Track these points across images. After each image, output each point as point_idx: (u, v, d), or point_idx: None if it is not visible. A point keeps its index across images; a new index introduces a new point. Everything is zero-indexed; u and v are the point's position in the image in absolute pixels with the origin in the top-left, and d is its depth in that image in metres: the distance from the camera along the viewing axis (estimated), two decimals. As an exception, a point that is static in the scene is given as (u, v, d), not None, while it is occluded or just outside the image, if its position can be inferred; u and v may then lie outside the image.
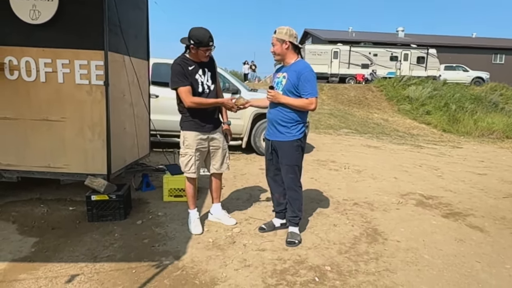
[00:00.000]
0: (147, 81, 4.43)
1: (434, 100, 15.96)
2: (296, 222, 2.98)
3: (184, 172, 3.04)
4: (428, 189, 4.76)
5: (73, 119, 3.40)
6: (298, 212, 2.96)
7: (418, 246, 2.91)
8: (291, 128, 2.83)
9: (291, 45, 2.81)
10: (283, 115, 2.83)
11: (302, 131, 2.88)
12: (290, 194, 2.96)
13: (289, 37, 2.77)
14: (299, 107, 2.78)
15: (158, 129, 4.64)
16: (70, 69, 3.33)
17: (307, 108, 2.78)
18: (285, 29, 2.79)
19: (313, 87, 2.74)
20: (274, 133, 2.91)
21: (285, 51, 2.81)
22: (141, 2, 4.22)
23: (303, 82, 2.72)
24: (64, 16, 3.22)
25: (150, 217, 3.33)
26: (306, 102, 2.74)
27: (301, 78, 2.72)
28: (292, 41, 2.79)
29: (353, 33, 31.96)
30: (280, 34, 2.78)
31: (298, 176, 2.95)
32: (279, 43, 2.80)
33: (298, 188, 2.96)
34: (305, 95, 2.73)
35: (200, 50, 2.83)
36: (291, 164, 2.88)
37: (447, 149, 9.37)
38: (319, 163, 6.18)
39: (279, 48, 2.81)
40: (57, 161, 3.46)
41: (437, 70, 22.54)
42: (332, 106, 15.52)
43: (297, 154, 2.88)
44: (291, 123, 2.82)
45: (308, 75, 2.74)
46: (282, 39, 2.78)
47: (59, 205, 3.55)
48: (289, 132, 2.83)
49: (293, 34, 2.80)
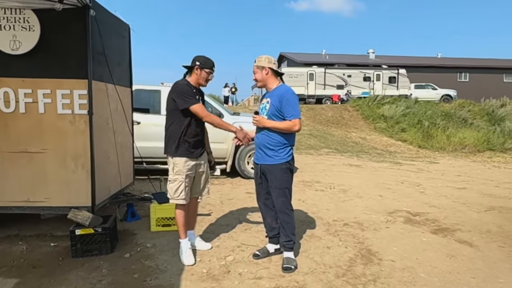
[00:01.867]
0: (131, 108, 4.36)
1: (407, 117, 16.56)
2: (290, 246, 2.94)
3: (173, 198, 2.96)
4: (413, 206, 4.84)
5: (55, 150, 3.28)
6: (291, 236, 2.93)
7: (413, 265, 2.92)
8: (279, 151, 2.85)
9: (271, 71, 2.91)
10: (270, 139, 2.86)
11: (290, 154, 2.90)
12: (282, 217, 2.94)
13: (268, 63, 2.89)
14: (284, 130, 2.82)
15: (139, 156, 4.53)
16: (51, 99, 3.24)
17: (291, 129, 2.82)
18: (264, 57, 2.92)
19: (295, 109, 2.80)
20: (263, 157, 2.92)
21: (266, 77, 2.91)
22: (124, 29, 4.21)
23: (285, 104, 2.78)
24: (46, 45, 3.16)
25: (138, 250, 3.19)
26: (290, 124, 2.79)
27: (283, 101, 2.79)
28: (271, 67, 2.90)
29: (326, 56, 33.07)
30: (260, 62, 2.91)
31: (289, 199, 2.94)
32: (259, 70, 2.91)
33: (289, 211, 2.93)
34: (288, 117, 2.78)
35: (203, 71, 2.96)
36: (281, 187, 2.88)
37: (424, 164, 9.65)
38: (305, 184, 6.19)
39: (260, 75, 2.91)
40: (38, 194, 3.30)
41: (408, 89, 23.53)
42: (311, 127, 15.77)
43: (286, 177, 2.89)
44: (279, 146, 2.85)
45: (289, 98, 2.80)
46: (262, 66, 2.89)
47: (39, 241, 3.35)
48: (277, 155, 2.85)
49: (272, 60, 2.93)
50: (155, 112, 6.28)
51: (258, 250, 3.09)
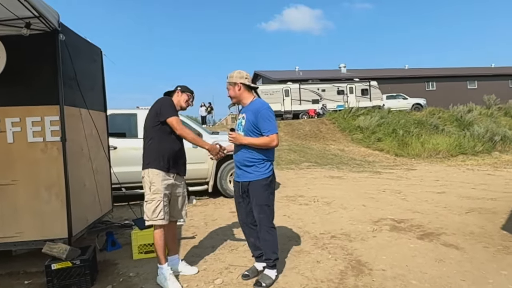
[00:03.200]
0: (106, 133, 4.23)
1: (382, 127, 17.01)
2: (270, 265, 2.84)
3: (151, 220, 2.83)
4: (397, 213, 4.88)
5: (26, 180, 3.11)
6: (271, 255, 2.83)
7: (403, 272, 2.90)
8: (259, 167, 2.80)
9: (244, 86, 2.87)
10: (249, 155, 2.81)
11: (270, 169, 2.85)
12: (262, 235, 2.85)
13: (239, 79, 2.86)
14: (261, 146, 2.77)
15: (117, 182, 4.37)
16: (21, 127, 3.10)
17: (269, 145, 2.77)
18: (235, 72, 2.89)
19: (271, 124, 2.76)
20: (243, 174, 2.86)
21: (239, 93, 2.87)
22: (95, 53, 4.13)
23: (261, 120, 2.75)
24: (13, 72, 3.05)
25: (121, 280, 3.01)
26: (267, 139, 2.75)
27: (259, 117, 2.76)
28: (243, 82, 2.87)
29: (300, 72, 33.79)
30: (231, 78, 2.88)
31: (270, 216, 2.85)
32: (231, 87, 2.88)
33: (269, 229, 2.84)
34: (265, 132, 2.74)
35: (184, 94, 3.08)
36: (261, 203, 2.80)
37: (403, 172, 9.85)
38: (288, 199, 6.15)
39: (233, 91, 2.88)
40: (8, 229, 3.10)
41: (381, 100, 24.27)
42: (290, 142, 15.88)
43: (267, 193, 2.81)
44: (258, 162, 2.81)
45: (265, 113, 2.77)
46: (234, 82, 2.86)
47: (11, 280, 3.11)
48: (257, 171, 2.80)
49: (243, 75, 2.89)
50: (132, 136, 6.13)
51: (247, 271, 2.99)
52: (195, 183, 6.09)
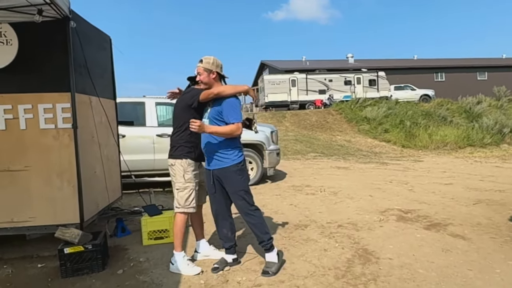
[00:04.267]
0: (116, 121, 4.26)
1: (390, 118, 16.89)
2: (267, 247, 2.86)
3: (183, 207, 2.87)
4: (404, 204, 4.89)
5: (38, 167, 3.16)
6: (264, 236, 2.84)
7: (410, 262, 2.92)
8: (228, 154, 2.79)
9: (218, 75, 2.86)
10: (216, 143, 2.79)
11: (239, 155, 2.84)
12: (247, 220, 2.87)
13: (216, 67, 2.83)
14: (226, 134, 2.73)
15: (126, 170, 4.42)
16: (33, 114, 3.13)
17: (234, 134, 2.73)
18: (212, 59, 2.84)
19: (237, 113, 2.74)
20: (213, 161, 2.83)
21: (212, 81, 2.83)
22: (105, 41, 4.14)
23: (227, 108, 2.73)
24: (25, 59, 3.07)
25: (131, 265, 3.08)
26: (232, 128, 2.71)
27: (224, 104, 2.74)
28: (218, 71, 2.85)
29: (307, 62, 33.50)
30: (207, 64, 2.81)
31: (248, 200, 2.84)
32: (206, 73, 2.82)
33: (253, 211, 2.84)
34: (230, 120, 2.72)
35: None
36: (237, 190, 2.80)
37: (410, 163, 9.82)
38: (295, 189, 6.18)
39: (206, 78, 2.82)
40: (22, 214, 3.16)
41: (388, 91, 24.04)
42: (296, 132, 15.86)
43: (240, 179, 2.81)
44: (227, 149, 2.79)
45: (231, 101, 2.75)
46: (210, 69, 2.81)
47: (25, 263, 3.19)
48: (227, 158, 2.79)
49: (219, 64, 2.87)
50: (139, 124, 6.16)
51: (216, 263, 2.97)
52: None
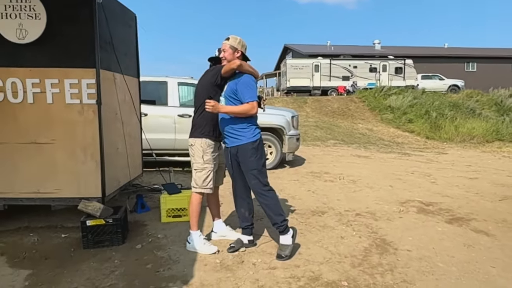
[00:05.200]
0: (139, 99, 4.30)
1: (415, 108, 16.36)
2: (281, 229, 2.83)
3: (200, 187, 2.90)
4: (425, 196, 4.76)
5: (63, 140, 3.24)
6: (277, 218, 2.82)
7: (430, 255, 2.86)
8: (244, 132, 2.79)
9: (242, 55, 2.84)
10: (232, 122, 2.79)
11: (256, 134, 2.83)
12: (259, 200, 2.87)
13: (241, 47, 2.83)
14: (240, 113, 2.74)
15: (147, 148, 4.48)
16: (59, 88, 3.19)
17: (248, 113, 2.72)
18: (239, 39, 2.84)
19: (253, 92, 2.72)
20: (231, 139, 2.84)
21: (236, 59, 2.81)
22: (130, 19, 4.14)
23: (242, 87, 2.71)
24: (52, 34, 3.10)
25: (149, 240, 3.16)
26: (247, 107, 2.70)
27: (239, 83, 2.72)
28: (243, 51, 2.84)
29: (331, 47, 32.72)
30: (234, 42, 2.82)
31: (262, 180, 2.83)
32: (231, 50, 2.82)
33: (266, 191, 2.83)
34: (246, 99, 2.70)
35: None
36: (251, 168, 2.80)
37: (433, 155, 9.53)
38: (314, 175, 6.13)
39: (231, 55, 2.82)
40: (47, 186, 3.27)
41: (415, 80, 23.26)
42: (317, 118, 15.66)
43: (255, 158, 2.80)
44: (243, 127, 2.79)
45: (246, 80, 2.73)
46: (235, 47, 2.82)
47: (50, 232, 3.33)
48: (244, 136, 2.79)
49: (245, 45, 2.87)
50: (161, 104, 6.21)
51: (232, 243, 2.99)
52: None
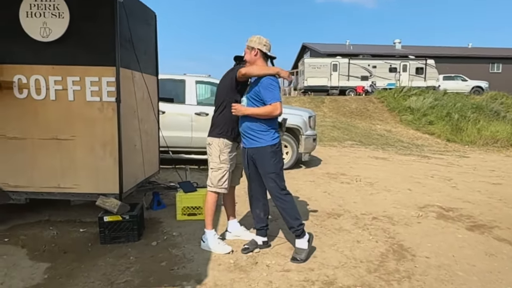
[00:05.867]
0: (157, 97, 4.35)
1: (435, 110, 15.94)
2: (297, 233, 2.82)
3: (216, 187, 2.92)
4: (445, 201, 4.63)
5: (83, 137, 3.30)
6: (294, 222, 2.81)
7: (449, 262, 2.77)
8: (264, 135, 2.77)
9: (260, 53, 2.81)
10: (251, 123, 2.79)
11: (275, 137, 2.81)
12: (276, 204, 2.86)
13: (258, 44, 2.81)
14: (264, 115, 2.73)
15: (164, 145, 4.52)
16: (80, 86, 3.25)
17: (272, 114, 2.71)
18: (255, 37, 2.84)
19: (274, 93, 2.70)
20: (249, 140, 2.83)
21: (254, 58, 2.82)
22: (150, 17, 4.18)
23: (264, 88, 2.70)
24: (75, 32, 3.16)
25: (165, 238, 3.19)
26: (270, 108, 2.69)
27: (261, 85, 2.71)
28: (260, 49, 2.81)
29: (350, 46, 32.26)
30: (250, 42, 2.84)
31: (280, 183, 2.81)
32: (248, 51, 2.84)
33: (283, 195, 2.81)
34: (268, 101, 2.69)
35: None
36: (269, 171, 2.79)
37: (454, 158, 9.27)
38: (330, 176, 6.06)
39: (249, 56, 2.85)
40: (67, 181, 3.34)
41: (436, 80, 22.68)
42: (334, 119, 15.48)
43: (273, 161, 2.78)
44: (262, 129, 2.77)
45: (268, 81, 2.71)
46: (252, 47, 2.82)
47: (69, 227, 3.41)
48: (262, 139, 2.77)
49: (263, 42, 2.82)
50: (179, 101, 6.26)
51: (246, 244, 3.00)
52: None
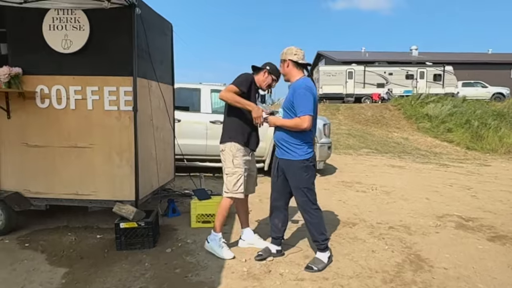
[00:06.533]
0: (173, 105, 4.42)
1: (454, 117, 15.59)
2: (321, 248, 2.81)
3: (231, 192, 2.93)
4: (465, 210, 4.51)
5: (101, 145, 3.38)
6: (319, 236, 2.78)
7: (469, 274, 2.69)
8: (296, 148, 2.74)
9: (292, 63, 2.79)
10: (285, 135, 2.77)
11: (308, 152, 2.77)
12: (305, 217, 2.84)
13: (288, 55, 2.80)
14: (291, 127, 2.70)
15: (180, 153, 4.58)
16: (99, 95, 3.34)
17: (299, 127, 2.65)
18: (285, 49, 2.84)
19: (305, 105, 2.63)
20: (281, 151, 2.83)
21: (287, 69, 2.82)
22: (167, 28, 4.28)
23: (295, 99, 2.67)
24: (94, 44, 3.27)
25: (179, 245, 3.21)
26: (297, 121, 2.64)
27: (294, 95, 2.68)
28: (291, 59, 2.78)
29: (366, 53, 32.04)
30: (281, 55, 2.84)
31: (311, 198, 2.78)
32: (281, 64, 2.86)
33: (313, 210, 2.79)
34: (297, 113, 2.65)
35: (270, 76, 3.03)
36: (300, 186, 2.76)
37: (474, 167, 9.02)
38: (345, 185, 5.99)
39: (282, 68, 2.86)
40: (85, 188, 3.42)
41: (455, 87, 22.21)
42: (349, 126, 15.33)
43: (305, 176, 2.75)
44: (295, 143, 2.74)
45: (300, 92, 2.65)
46: (283, 59, 2.82)
47: (86, 233, 3.48)
48: (294, 152, 2.74)
49: (293, 51, 2.79)
50: (194, 110, 6.35)
51: (260, 251, 2.98)
52: (252, 160, 6.17)
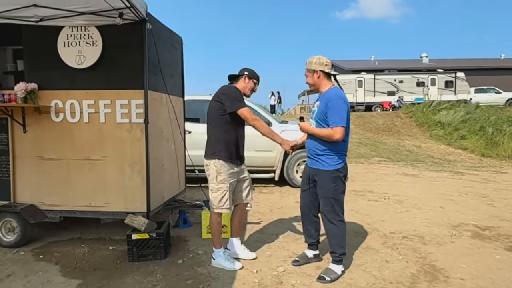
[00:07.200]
0: (183, 117, 4.48)
1: (468, 124, 15.35)
2: (336, 259, 2.78)
3: (217, 208, 2.94)
4: (481, 219, 4.40)
5: (113, 157, 3.44)
6: (338, 249, 2.76)
7: (486, 285, 2.62)
8: (327, 158, 2.74)
9: (323, 74, 2.78)
10: (317, 144, 2.77)
11: (339, 162, 2.75)
12: (328, 227, 2.81)
13: (319, 66, 2.76)
14: (323, 137, 2.70)
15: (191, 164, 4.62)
16: (111, 109, 3.41)
17: (330, 138, 2.65)
18: (315, 58, 2.79)
19: (338, 116, 2.63)
20: (313, 161, 2.84)
21: (317, 80, 2.80)
22: (177, 42, 4.36)
23: (329, 110, 2.66)
24: (107, 59, 3.35)
25: (190, 256, 3.22)
26: (329, 132, 2.65)
27: (328, 106, 2.67)
28: (323, 69, 2.77)
29: (375, 62, 32.00)
30: (310, 65, 2.79)
31: (337, 209, 2.76)
32: (310, 74, 2.81)
33: (338, 222, 2.76)
34: (330, 124, 2.65)
35: (251, 81, 3.04)
36: (327, 196, 2.75)
37: (490, 174, 8.83)
38: (357, 194, 5.93)
39: (311, 79, 2.81)
40: (98, 200, 3.47)
41: (467, 94, 21.94)
42: (360, 135, 15.22)
43: (334, 187, 2.73)
44: (326, 152, 2.74)
45: (334, 103, 2.65)
46: (313, 69, 2.78)
47: (99, 244, 3.52)
48: (325, 162, 2.74)
49: (323, 62, 2.78)
50: (205, 121, 6.38)
51: (297, 256, 3.03)
52: (262, 170, 6.17)
